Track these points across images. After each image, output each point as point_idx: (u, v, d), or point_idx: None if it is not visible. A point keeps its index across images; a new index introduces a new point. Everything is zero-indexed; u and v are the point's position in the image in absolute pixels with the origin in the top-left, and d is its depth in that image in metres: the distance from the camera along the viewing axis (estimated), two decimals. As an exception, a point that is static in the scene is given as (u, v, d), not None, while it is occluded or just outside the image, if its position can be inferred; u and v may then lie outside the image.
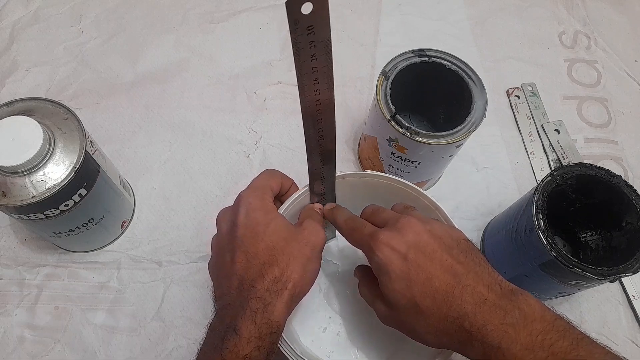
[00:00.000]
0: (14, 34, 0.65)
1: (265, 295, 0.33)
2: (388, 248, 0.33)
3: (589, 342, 0.29)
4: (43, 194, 0.39)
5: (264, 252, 0.34)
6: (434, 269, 0.32)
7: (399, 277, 0.32)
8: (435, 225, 0.35)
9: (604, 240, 0.48)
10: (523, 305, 0.30)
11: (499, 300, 0.30)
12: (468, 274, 0.32)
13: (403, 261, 0.33)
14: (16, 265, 0.51)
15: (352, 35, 0.68)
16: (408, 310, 0.33)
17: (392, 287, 0.33)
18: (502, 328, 0.29)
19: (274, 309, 0.32)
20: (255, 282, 0.33)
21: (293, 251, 0.35)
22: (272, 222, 0.35)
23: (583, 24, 0.72)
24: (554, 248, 0.41)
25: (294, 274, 0.34)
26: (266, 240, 0.34)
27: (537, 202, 0.42)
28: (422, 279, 0.32)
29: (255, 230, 0.35)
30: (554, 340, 0.28)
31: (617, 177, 0.43)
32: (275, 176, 0.40)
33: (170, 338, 0.48)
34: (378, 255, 0.33)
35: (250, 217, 0.36)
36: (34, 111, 0.41)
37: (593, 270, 0.40)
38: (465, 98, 0.47)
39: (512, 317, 0.29)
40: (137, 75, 0.64)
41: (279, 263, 0.34)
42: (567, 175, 0.44)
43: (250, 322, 0.31)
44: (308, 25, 0.26)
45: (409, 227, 0.34)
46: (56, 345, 0.47)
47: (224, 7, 0.70)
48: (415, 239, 0.33)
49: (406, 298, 0.32)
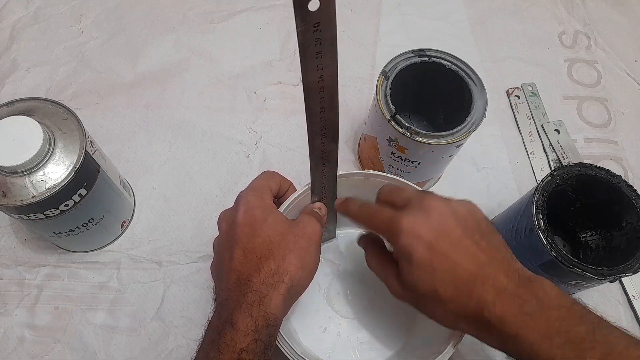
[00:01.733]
0: (14, 34, 0.65)
1: (262, 288, 0.33)
2: (412, 234, 0.32)
3: (606, 326, 0.29)
4: (43, 194, 0.39)
5: (260, 247, 0.34)
6: (458, 256, 0.32)
7: (421, 265, 0.32)
8: (458, 206, 0.34)
9: (604, 240, 0.48)
10: (540, 292, 0.30)
11: (517, 289, 0.30)
12: (490, 262, 0.32)
13: (427, 249, 0.32)
14: (16, 265, 0.51)
15: (352, 35, 0.68)
16: (427, 297, 0.32)
17: (413, 273, 0.32)
18: (520, 317, 0.29)
19: (270, 301, 0.32)
20: (251, 276, 0.33)
21: (289, 244, 0.35)
22: (270, 218, 0.36)
23: (583, 24, 0.72)
24: (554, 248, 0.41)
25: (290, 266, 0.34)
26: (263, 235, 0.35)
27: (537, 202, 0.42)
28: (446, 267, 0.32)
29: (253, 227, 0.35)
30: (572, 326, 0.29)
31: (617, 177, 0.43)
32: (274, 177, 0.41)
33: (170, 338, 0.48)
34: (402, 242, 0.32)
35: (249, 215, 0.36)
36: (34, 111, 0.41)
37: (593, 270, 0.40)
38: (465, 98, 0.47)
39: (530, 306, 0.30)
40: (137, 75, 0.64)
41: (275, 256, 0.34)
42: (567, 175, 0.44)
43: (247, 315, 0.32)
44: (314, 22, 0.26)
45: (434, 209, 0.33)
46: (56, 345, 0.47)
47: (224, 7, 0.70)
48: (441, 222, 0.32)
49: (427, 285, 0.32)
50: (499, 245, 0.33)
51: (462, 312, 0.31)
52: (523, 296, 0.30)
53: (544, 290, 0.30)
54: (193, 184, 0.56)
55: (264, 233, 0.35)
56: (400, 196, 0.36)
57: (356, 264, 0.50)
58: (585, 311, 0.30)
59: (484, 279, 0.31)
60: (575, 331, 0.28)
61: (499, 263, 0.32)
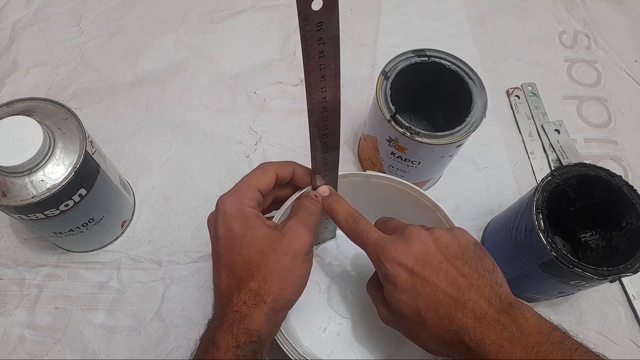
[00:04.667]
0: (14, 34, 0.65)
1: (242, 308, 0.32)
2: (396, 261, 0.33)
3: (583, 352, 0.30)
4: (43, 194, 0.39)
5: (240, 266, 0.34)
6: (439, 281, 0.32)
7: (404, 289, 0.33)
8: (441, 234, 0.35)
9: (604, 240, 0.48)
10: (520, 319, 0.31)
11: (497, 315, 0.31)
12: (471, 287, 0.32)
13: (410, 274, 0.33)
14: (16, 265, 0.51)
15: (352, 35, 0.68)
16: (411, 320, 0.33)
17: (397, 297, 0.33)
18: (499, 343, 0.30)
19: (251, 320, 0.32)
20: (232, 296, 0.33)
21: (269, 264, 0.33)
22: (249, 233, 0.34)
23: (583, 24, 0.72)
24: (554, 248, 0.41)
25: (272, 287, 0.33)
26: (243, 254, 0.34)
27: (537, 202, 0.42)
28: (427, 291, 0.32)
29: (231, 244, 0.34)
30: (548, 352, 0.29)
31: (617, 177, 0.43)
32: (265, 172, 0.38)
33: (170, 338, 0.48)
34: (386, 266, 0.34)
35: (227, 228, 0.35)
36: (34, 111, 0.41)
37: (593, 270, 0.40)
38: (465, 98, 0.47)
39: (509, 332, 0.30)
40: (137, 75, 0.64)
41: (255, 277, 0.33)
42: (567, 175, 0.44)
43: (228, 334, 0.32)
44: (318, 21, 0.26)
45: (416, 237, 0.34)
46: (56, 345, 0.47)
47: (224, 7, 0.70)
48: (422, 249, 0.34)
49: (410, 309, 0.33)
50: (484, 271, 0.33)
51: (444, 336, 0.32)
52: (503, 322, 0.31)
53: (524, 317, 0.31)
54: (193, 184, 0.56)
55: (244, 251, 0.34)
56: (389, 225, 0.37)
57: (356, 264, 0.50)
58: (564, 337, 0.30)
59: (464, 303, 0.32)
60: (552, 357, 0.29)
61: (480, 289, 0.32)
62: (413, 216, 0.46)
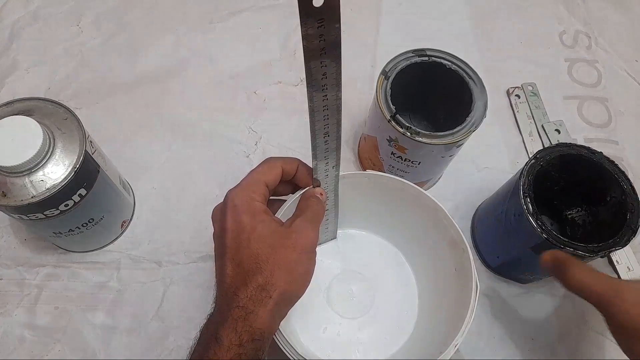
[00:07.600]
0: (14, 34, 0.65)
1: (248, 304, 0.32)
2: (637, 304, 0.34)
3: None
4: (43, 194, 0.39)
5: (248, 261, 0.33)
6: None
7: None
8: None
9: (590, 216, 0.48)
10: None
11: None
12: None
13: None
14: (16, 265, 0.51)
15: (352, 34, 0.68)
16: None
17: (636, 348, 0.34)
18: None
19: (256, 317, 0.32)
20: (238, 290, 0.33)
21: (278, 258, 0.33)
22: (258, 227, 0.34)
23: (583, 23, 0.72)
24: (544, 230, 0.41)
25: (279, 281, 0.33)
26: (251, 248, 0.34)
27: (524, 186, 0.43)
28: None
29: (239, 238, 0.34)
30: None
31: (598, 154, 0.44)
32: (273, 167, 0.38)
33: (170, 338, 0.48)
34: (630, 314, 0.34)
35: (236, 222, 0.34)
36: (34, 111, 0.41)
37: (584, 247, 0.40)
38: (466, 98, 0.47)
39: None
40: (137, 75, 0.63)
41: (262, 271, 0.33)
42: (550, 157, 0.45)
43: (232, 330, 0.31)
44: (319, 18, 0.25)
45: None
46: (56, 345, 0.47)
47: (223, 7, 0.70)
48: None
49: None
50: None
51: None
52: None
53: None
54: (193, 184, 0.56)
55: (252, 245, 0.34)
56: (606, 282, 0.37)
57: (356, 264, 0.50)
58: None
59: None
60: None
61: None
62: (413, 216, 0.46)
